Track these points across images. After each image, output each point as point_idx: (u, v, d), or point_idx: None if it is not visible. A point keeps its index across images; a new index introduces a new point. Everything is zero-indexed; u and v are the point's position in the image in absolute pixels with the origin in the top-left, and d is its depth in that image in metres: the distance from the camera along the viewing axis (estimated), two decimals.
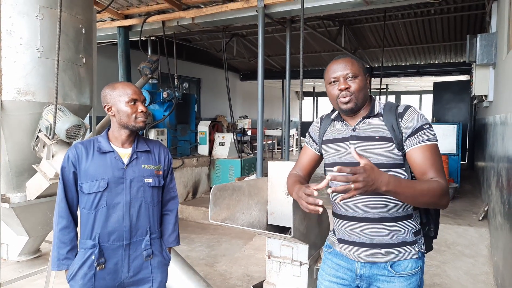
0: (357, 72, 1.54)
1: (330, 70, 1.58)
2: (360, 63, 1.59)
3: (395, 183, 1.29)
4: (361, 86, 1.54)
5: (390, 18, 8.12)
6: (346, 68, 1.54)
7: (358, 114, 1.60)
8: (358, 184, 1.19)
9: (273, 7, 5.47)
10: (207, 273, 3.96)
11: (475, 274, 3.93)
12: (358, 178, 1.19)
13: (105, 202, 1.77)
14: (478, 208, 5.82)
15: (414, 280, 1.54)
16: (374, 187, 1.24)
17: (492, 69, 4.75)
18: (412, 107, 1.55)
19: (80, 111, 3.53)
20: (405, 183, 1.35)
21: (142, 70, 6.37)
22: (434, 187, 1.38)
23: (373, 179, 1.23)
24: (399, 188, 1.30)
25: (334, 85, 1.57)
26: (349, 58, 1.58)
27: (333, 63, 1.59)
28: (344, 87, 1.52)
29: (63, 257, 1.78)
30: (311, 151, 1.80)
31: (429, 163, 1.44)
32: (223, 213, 2.41)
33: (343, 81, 1.53)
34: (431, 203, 1.41)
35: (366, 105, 1.60)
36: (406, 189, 1.33)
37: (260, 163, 5.59)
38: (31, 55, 3.08)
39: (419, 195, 1.36)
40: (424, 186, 1.38)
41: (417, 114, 1.52)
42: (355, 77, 1.54)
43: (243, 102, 15.57)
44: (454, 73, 11.33)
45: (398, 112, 1.54)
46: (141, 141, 1.92)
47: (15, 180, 3.49)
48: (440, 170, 1.45)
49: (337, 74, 1.55)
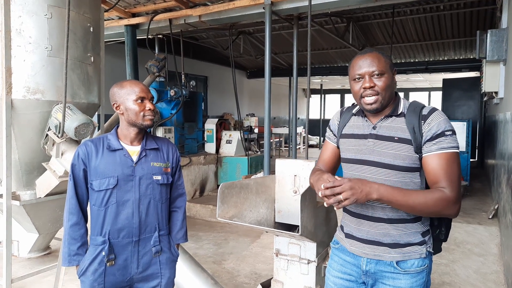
0: (384, 69, 1.46)
1: (356, 65, 1.50)
2: (387, 58, 1.50)
3: (386, 191, 1.35)
4: (387, 84, 1.47)
5: (399, 14, 8.03)
6: (372, 64, 1.46)
7: (381, 112, 1.54)
8: (346, 194, 1.29)
9: (280, 4, 5.44)
10: (214, 271, 3.97)
11: (485, 273, 3.88)
12: (344, 188, 1.29)
13: (115, 199, 1.79)
14: (488, 207, 5.76)
15: (420, 278, 1.53)
16: (363, 194, 1.32)
17: (503, 65, 4.68)
18: (438, 111, 1.48)
19: (88, 109, 3.56)
20: (398, 192, 1.38)
21: (150, 68, 6.40)
22: (435, 197, 1.37)
23: (360, 187, 1.32)
24: (391, 196, 1.36)
25: (358, 82, 1.50)
26: (375, 53, 1.49)
27: (359, 58, 1.51)
28: (369, 86, 1.45)
29: (73, 253, 1.80)
30: (332, 145, 1.75)
31: (443, 172, 1.40)
32: (231, 211, 2.42)
33: (368, 79, 1.46)
34: (433, 212, 1.42)
35: (391, 103, 1.54)
36: (400, 198, 1.37)
37: (267, 161, 5.59)
38: (40, 54, 3.11)
39: (415, 205, 1.38)
40: (420, 198, 1.38)
41: (441, 119, 1.44)
42: (381, 74, 1.46)
43: (250, 100, 15.56)
44: (463, 69, 11.17)
45: (422, 114, 1.47)
46: (150, 139, 1.93)
47: (25, 178, 3.53)
48: (453, 181, 1.40)
49: (363, 71, 1.47)
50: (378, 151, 1.51)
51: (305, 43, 5.09)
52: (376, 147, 1.52)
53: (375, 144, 1.53)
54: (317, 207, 2.41)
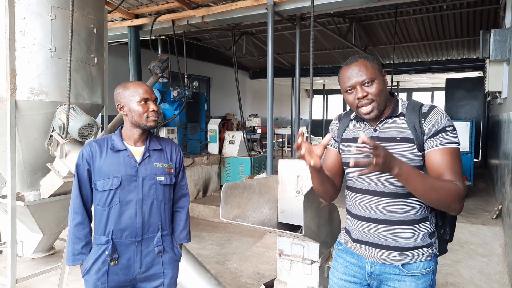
0: (373, 75, 1.44)
1: (344, 77, 1.48)
2: (374, 62, 1.47)
3: (407, 169, 1.31)
4: (380, 89, 1.45)
5: (402, 14, 8.01)
6: (360, 74, 1.44)
7: (381, 114, 1.53)
8: (379, 160, 1.22)
9: (282, 4, 5.45)
10: (218, 271, 3.98)
11: (489, 273, 3.87)
12: (379, 153, 1.22)
13: (118, 199, 1.80)
14: (492, 207, 5.73)
15: (426, 280, 1.52)
16: (390, 166, 1.27)
17: (506, 65, 4.66)
18: (437, 108, 1.48)
19: (92, 110, 3.57)
20: (417, 172, 1.34)
21: (153, 69, 6.42)
22: (449, 187, 1.35)
23: (390, 157, 1.26)
24: (410, 175, 1.31)
25: (351, 93, 1.48)
26: (361, 61, 1.46)
27: (346, 69, 1.48)
28: (362, 96, 1.44)
29: (78, 252, 1.82)
30: (334, 151, 1.72)
31: (447, 166, 1.40)
32: (234, 211, 2.42)
33: (360, 89, 1.44)
34: (443, 202, 1.38)
35: (388, 105, 1.53)
36: (418, 178, 1.32)
37: (270, 161, 5.59)
38: (44, 55, 3.13)
39: (430, 189, 1.34)
40: (437, 182, 1.36)
41: (442, 115, 1.45)
42: (372, 81, 1.44)
43: (253, 100, 15.57)
44: (467, 69, 11.13)
45: (422, 112, 1.47)
46: (154, 140, 1.94)
47: (29, 179, 3.55)
48: (458, 174, 1.39)
49: (352, 82, 1.45)
50: None
51: (307, 44, 5.09)
52: None
53: None
54: (320, 208, 2.41)
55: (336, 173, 1.71)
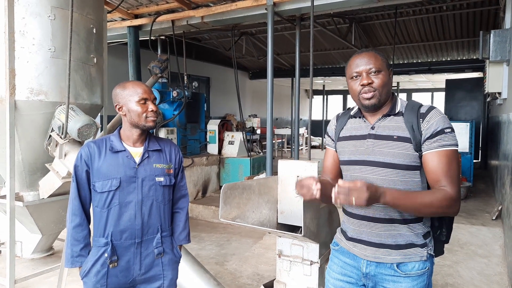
0: (381, 67, 1.49)
1: (353, 64, 1.53)
2: (383, 57, 1.53)
3: (392, 197, 1.36)
4: (384, 81, 1.49)
5: (401, 14, 8.01)
6: (369, 62, 1.49)
7: (379, 112, 1.56)
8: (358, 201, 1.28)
9: (282, 5, 5.44)
10: (217, 272, 3.97)
11: (489, 274, 3.86)
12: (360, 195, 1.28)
13: (118, 200, 1.79)
14: (492, 208, 5.73)
15: (421, 281, 1.52)
16: (374, 199, 1.32)
17: (506, 66, 4.66)
18: (436, 109, 1.50)
19: (91, 110, 3.56)
20: (404, 195, 1.39)
21: (152, 69, 6.41)
22: (440, 197, 1.39)
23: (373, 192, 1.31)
24: (397, 200, 1.37)
25: (356, 80, 1.53)
26: (372, 52, 1.52)
27: (356, 57, 1.54)
28: (367, 82, 1.48)
29: (76, 254, 1.80)
30: (332, 151, 1.75)
31: (444, 170, 1.42)
32: (233, 211, 2.41)
33: (365, 76, 1.49)
34: (437, 213, 1.44)
35: (388, 103, 1.56)
36: (406, 201, 1.38)
37: (270, 162, 5.58)
38: (43, 55, 3.12)
39: (421, 206, 1.40)
40: (427, 197, 1.40)
41: (440, 117, 1.46)
42: (378, 72, 1.49)
43: (252, 100, 15.57)
44: (466, 70, 11.15)
45: (420, 112, 1.49)
46: (153, 140, 1.93)
47: (28, 179, 3.54)
48: (453, 178, 1.42)
49: (360, 69, 1.50)
50: (377, 150, 1.51)
51: (307, 44, 5.09)
52: (375, 146, 1.52)
53: (374, 144, 1.53)
54: (320, 208, 2.40)
55: (336, 174, 1.74)
